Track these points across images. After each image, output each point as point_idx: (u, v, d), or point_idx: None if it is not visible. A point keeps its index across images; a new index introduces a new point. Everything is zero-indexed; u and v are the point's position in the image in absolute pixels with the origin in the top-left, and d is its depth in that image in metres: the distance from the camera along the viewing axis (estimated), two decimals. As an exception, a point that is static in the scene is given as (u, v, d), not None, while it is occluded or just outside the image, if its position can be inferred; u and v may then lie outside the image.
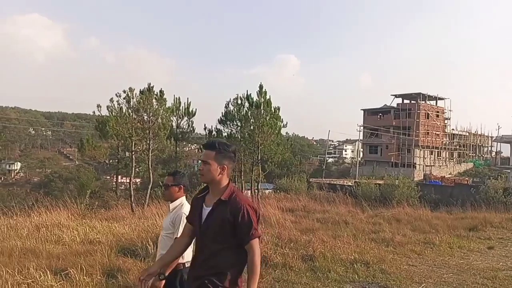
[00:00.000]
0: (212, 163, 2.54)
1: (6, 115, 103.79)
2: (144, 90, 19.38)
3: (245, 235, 2.44)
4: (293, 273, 6.40)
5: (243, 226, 2.44)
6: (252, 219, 2.46)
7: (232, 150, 2.61)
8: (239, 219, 2.43)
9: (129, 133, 17.03)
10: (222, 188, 2.55)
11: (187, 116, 24.68)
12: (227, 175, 2.58)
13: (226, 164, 2.56)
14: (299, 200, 17.81)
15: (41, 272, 5.04)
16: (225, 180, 2.58)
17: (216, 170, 2.54)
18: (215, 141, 2.63)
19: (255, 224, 2.47)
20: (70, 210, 11.37)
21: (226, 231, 2.44)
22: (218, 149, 2.56)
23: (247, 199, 2.56)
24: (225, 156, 2.57)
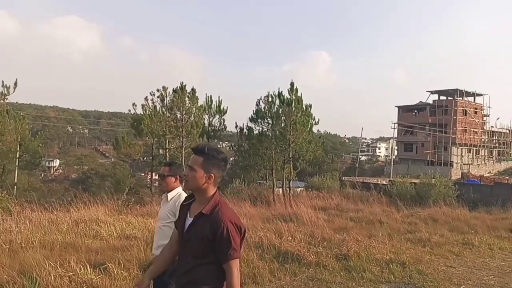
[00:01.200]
0: (198, 170, 2.32)
1: (46, 114, 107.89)
2: (177, 88, 19.74)
3: (223, 254, 2.25)
4: (327, 272, 6.33)
5: (222, 245, 2.24)
6: (232, 238, 2.24)
7: (222, 158, 2.39)
8: (218, 236, 2.23)
9: (163, 131, 17.40)
10: (207, 198, 2.34)
11: (218, 114, 24.91)
12: (214, 184, 2.36)
13: (214, 173, 2.33)
14: (332, 198, 17.61)
15: (81, 265, 5.20)
16: (211, 189, 2.36)
17: (202, 178, 2.32)
18: (205, 146, 2.41)
19: (234, 244, 2.25)
20: (107, 206, 11.67)
21: (205, 247, 2.26)
22: (207, 156, 2.34)
23: (231, 215, 2.32)
24: (214, 164, 2.34)
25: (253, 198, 17.05)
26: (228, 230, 2.24)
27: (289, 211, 12.18)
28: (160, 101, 17.83)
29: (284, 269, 6.32)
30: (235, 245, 2.25)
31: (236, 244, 2.26)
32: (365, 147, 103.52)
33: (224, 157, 2.39)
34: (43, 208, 10.76)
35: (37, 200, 11.94)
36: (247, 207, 13.04)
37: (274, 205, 15.37)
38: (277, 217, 10.84)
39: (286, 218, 10.75)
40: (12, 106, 22.88)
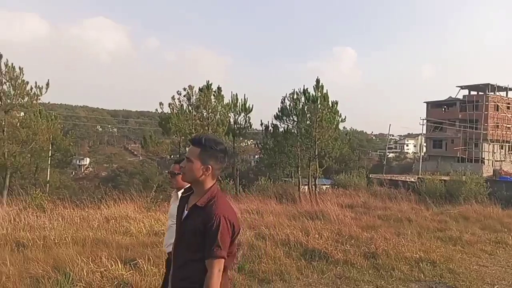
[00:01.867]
0: (195, 162, 2.23)
1: (76, 113, 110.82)
2: (203, 87, 19.96)
3: (207, 250, 2.11)
4: (355, 270, 6.27)
5: (208, 239, 2.11)
6: (220, 233, 2.10)
7: (220, 149, 2.28)
8: (207, 230, 2.12)
9: (189, 129, 17.63)
10: (205, 190, 2.25)
11: (244, 112, 24.99)
12: (212, 176, 2.27)
13: (212, 165, 2.24)
14: (359, 196, 17.41)
15: (112, 261, 5.33)
16: (209, 181, 2.27)
17: (199, 170, 2.23)
18: (203, 136, 2.31)
19: (221, 241, 2.09)
20: (136, 203, 11.90)
21: (198, 241, 2.15)
22: (204, 146, 2.24)
23: (226, 210, 2.19)
24: (212, 155, 2.25)
25: (279, 196, 17.04)
26: (219, 224, 2.11)
27: (315, 208, 12.11)
28: (186, 100, 18.11)
29: (311, 267, 6.31)
30: (222, 242, 2.10)
31: (223, 242, 2.11)
32: (392, 144, 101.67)
33: (222, 148, 2.29)
34: (74, 205, 11.07)
35: (68, 197, 12.31)
36: (273, 205, 13.05)
37: (300, 202, 15.30)
38: (303, 215, 10.80)
39: (313, 216, 10.70)
40: (44, 106, 23.59)
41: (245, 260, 6.26)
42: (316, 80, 19.65)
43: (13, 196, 13.69)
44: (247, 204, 13.14)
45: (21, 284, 4.71)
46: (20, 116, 18.67)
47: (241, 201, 14.15)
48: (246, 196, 15.86)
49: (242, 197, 15.45)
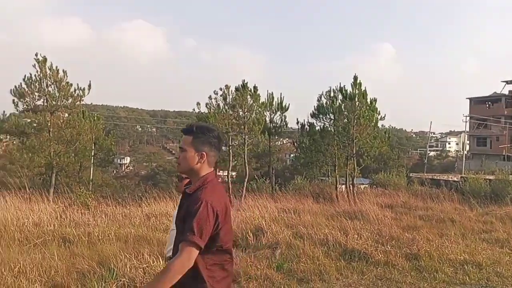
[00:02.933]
0: (189, 150, 2.19)
1: (117, 114, 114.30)
2: (239, 87, 20.10)
3: (183, 233, 2.01)
4: (397, 272, 6.13)
5: (186, 222, 2.03)
6: (198, 217, 2.00)
7: (214, 135, 2.24)
8: (188, 213, 2.05)
9: (226, 128, 17.75)
10: (199, 178, 2.19)
11: (280, 110, 24.93)
12: (208, 163, 2.21)
13: (206, 151, 2.19)
14: (399, 196, 16.95)
15: (154, 257, 5.46)
16: (205, 169, 2.20)
17: (194, 158, 2.18)
18: (193, 124, 2.30)
19: (196, 226, 1.98)
20: (176, 201, 12.14)
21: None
22: (196, 134, 2.21)
23: (211, 195, 2.09)
24: (204, 141, 2.20)
25: (316, 195, 16.88)
26: (198, 209, 2.01)
27: (354, 208, 11.92)
28: (223, 99, 18.25)
29: (351, 267, 6.22)
30: (197, 228, 1.99)
31: (199, 228, 1.99)
32: (433, 141, 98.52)
33: (215, 134, 2.25)
34: (116, 203, 11.43)
35: (111, 195, 12.72)
36: (309, 204, 12.95)
37: (338, 202, 15.11)
38: (341, 214, 10.65)
39: (351, 216, 10.53)
40: (87, 107, 24.52)
41: (284, 259, 6.25)
42: (354, 77, 19.31)
43: (59, 194, 14.31)
44: (283, 203, 13.11)
45: (68, 278, 4.91)
46: (65, 117, 19.45)
47: (278, 200, 14.11)
48: (282, 195, 15.81)
49: (278, 196, 15.41)
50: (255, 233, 7.39)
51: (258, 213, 9.85)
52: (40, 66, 17.66)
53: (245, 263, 5.85)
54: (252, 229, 7.62)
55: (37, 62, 17.64)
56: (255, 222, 8.35)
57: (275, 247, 6.69)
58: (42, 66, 17.73)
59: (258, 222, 8.25)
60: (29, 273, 4.84)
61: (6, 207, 8.03)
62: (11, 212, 7.70)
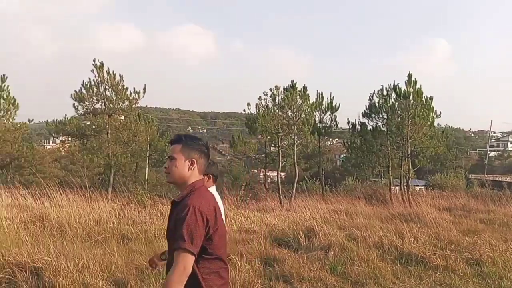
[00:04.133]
0: (178, 157, 2.17)
1: (169, 116, 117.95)
2: (288, 87, 20.07)
3: (175, 241, 2.00)
4: (457, 277, 5.84)
5: (176, 229, 2.00)
6: (186, 224, 1.96)
7: (203, 143, 2.26)
8: (177, 221, 2.02)
9: (275, 129, 17.78)
10: (187, 186, 2.17)
11: (330, 110, 24.59)
12: (198, 171, 2.19)
13: (196, 158, 2.18)
14: (457, 198, 16.16)
15: (208, 256, 5.55)
16: (194, 177, 2.19)
17: (184, 165, 2.16)
18: (181, 134, 2.29)
19: (186, 233, 1.95)
20: (226, 201, 12.31)
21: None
22: (185, 141, 2.21)
23: (199, 201, 2.06)
24: (193, 148, 2.20)
25: (368, 197, 16.47)
26: (186, 215, 1.99)
27: (409, 210, 11.50)
28: (272, 100, 18.29)
29: (408, 272, 6.00)
30: (187, 235, 1.96)
31: (190, 234, 1.96)
32: (494, 141, 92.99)
33: (204, 142, 2.27)
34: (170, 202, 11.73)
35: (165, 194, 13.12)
36: (362, 205, 12.65)
37: (392, 204, 14.65)
38: (396, 217, 10.31)
39: (406, 218, 10.16)
40: (142, 109, 25.52)
41: (337, 262, 6.14)
42: (408, 74, 18.65)
43: (117, 193, 14.97)
44: (334, 204, 12.90)
45: (128, 274, 5.11)
46: (121, 119, 20.33)
47: (328, 201, 13.92)
48: (333, 196, 15.58)
49: (329, 197, 15.19)
50: (307, 234, 7.32)
51: (309, 214, 9.77)
52: (98, 71, 18.59)
53: (297, 264, 5.81)
54: (303, 230, 7.56)
55: (95, 67, 18.59)
56: (307, 223, 8.29)
57: (327, 249, 6.59)
58: (100, 71, 18.66)
59: (309, 223, 8.17)
60: (92, 268, 5.08)
61: (69, 205, 8.49)
62: (74, 210, 8.13)
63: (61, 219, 7.22)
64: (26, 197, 8.67)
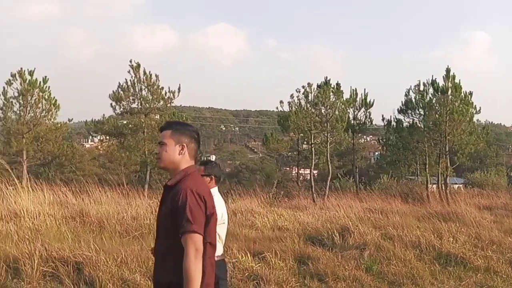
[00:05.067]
0: (169, 142, 2.17)
1: (202, 114, 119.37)
2: (321, 84, 19.90)
3: (179, 228, 1.98)
4: (500, 279, 5.62)
5: (177, 216, 2.00)
6: (189, 207, 1.98)
7: (193, 129, 2.27)
8: (175, 206, 2.01)
9: (308, 126, 17.70)
10: (179, 171, 2.16)
11: (364, 107, 24.17)
12: (189, 156, 2.19)
13: (186, 143, 2.18)
14: (498, 197, 15.55)
15: (242, 253, 5.60)
16: (185, 162, 2.18)
17: (175, 150, 2.16)
18: (171, 121, 2.34)
19: (190, 215, 1.97)
20: (259, 198, 12.35)
21: (170, 224, 2.05)
22: (174, 127, 2.22)
23: (195, 184, 2.08)
24: (183, 133, 2.20)
25: (404, 195, 16.09)
26: (187, 197, 2.00)
27: (448, 209, 11.14)
28: (304, 97, 18.21)
29: (447, 272, 5.83)
30: (192, 216, 1.97)
31: (194, 216, 1.98)
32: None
33: (194, 128, 2.29)
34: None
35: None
36: (397, 204, 12.38)
37: (429, 202, 14.26)
38: (433, 216, 10.02)
39: (445, 217, 9.84)
40: (176, 108, 25.96)
41: (373, 261, 6.04)
42: (446, 69, 18.09)
43: (153, 190, 15.30)
44: (369, 202, 12.69)
45: (165, 269, 5.21)
46: (157, 118, 20.79)
47: (363, 199, 13.70)
48: (368, 194, 15.33)
49: (363, 195, 14.96)
50: (341, 233, 7.23)
51: (342, 212, 9.64)
52: (135, 71, 19.08)
53: (332, 263, 5.76)
54: (338, 228, 7.46)
55: (132, 68, 19.09)
56: (341, 222, 8.17)
57: (363, 248, 6.48)
58: (136, 71, 19.15)
59: (343, 222, 8.06)
60: (130, 263, 5.21)
61: (108, 202, 8.74)
62: (112, 206, 8.36)
63: (100, 215, 7.43)
64: (66, 194, 8.96)
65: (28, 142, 19.16)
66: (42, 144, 20.33)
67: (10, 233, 5.90)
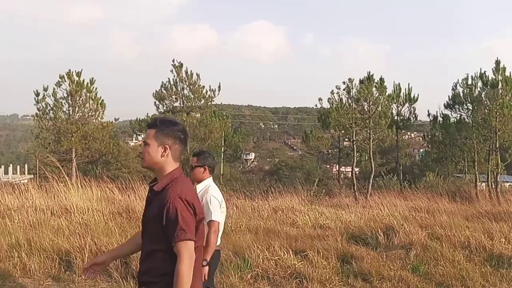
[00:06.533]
0: (152, 143, 2.11)
1: (242, 112, 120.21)
2: (363, 79, 19.48)
3: (171, 236, 1.98)
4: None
5: (168, 224, 1.98)
6: (180, 215, 1.97)
7: (178, 128, 2.15)
8: (164, 215, 1.99)
9: (349, 123, 17.41)
10: (165, 175, 2.11)
11: (408, 102, 23.43)
12: (173, 158, 2.13)
13: (169, 144, 2.10)
14: (556, 196, 14.63)
15: (284, 251, 5.59)
16: (170, 165, 2.13)
17: (157, 152, 2.10)
18: (157, 118, 2.25)
19: (183, 223, 1.96)
20: (300, 196, 12.27)
21: (156, 229, 2.03)
22: (159, 127, 2.13)
23: (182, 190, 2.05)
24: (167, 134, 2.12)
25: (451, 194, 15.48)
26: (176, 206, 1.98)
27: (498, 209, 10.61)
28: (346, 93, 17.93)
29: (499, 275, 5.55)
30: (184, 224, 1.97)
31: (186, 223, 1.98)
32: None
33: (180, 127, 2.17)
34: (245, 196, 11.98)
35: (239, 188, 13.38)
36: (444, 203, 11.93)
37: (478, 201, 13.63)
38: (483, 215, 9.56)
39: (496, 217, 9.36)
40: (216, 107, 26.31)
41: (419, 261, 5.85)
42: (495, 61, 17.20)
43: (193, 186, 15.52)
44: (414, 201, 12.31)
45: (208, 265, 5.28)
46: (198, 116, 21.15)
47: (407, 198, 13.31)
48: (412, 192, 14.88)
49: (408, 194, 14.52)
50: (386, 232, 7.05)
51: (386, 211, 9.40)
52: (177, 71, 19.50)
53: (376, 262, 5.63)
54: (382, 227, 7.28)
55: (174, 67, 19.52)
56: (385, 221, 7.98)
57: (409, 248, 6.29)
58: (179, 71, 19.56)
59: (388, 221, 7.86)
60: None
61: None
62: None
63: (145, 211, 7.64)
64: (113, 190, 9.28)
65: (77, 140, 20.05)
66: (90, 143, 21.19)
67: (62, 228, 6.19)
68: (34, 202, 7.66)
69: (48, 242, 5.42)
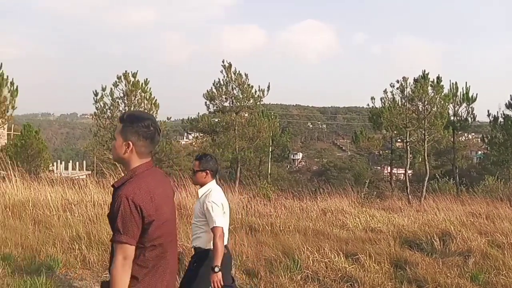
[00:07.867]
0: (118, 138, 2.07)
1: (289, 112, 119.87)
2: (418, 78, 18.75)
3: (113, 232, 1.95)
4: None
5: (110, 223, 1.96)
6: (120, 216, 1.91)
7: (143, 124, 2.04)
8: (110, 213, 1.98)
9: (403, 123, 16.84)
10: (128, 171, 2.07)
11: (466, 102, 22.33)
12: (138, 154, 2.06)
13: (133, 141, 2.03)
14: None
15: (335, 253, 5.49)
16: (134, 161, 2.06)
17: (121, 147, 2.05)
18: (126, 112, 2.18)
19: (121, 225, 1.90)
20: (350, 198, 12.03)
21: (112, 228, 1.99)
22: (125, 122, 2.07)
23: (133, 191, 1.95)
24: (132, 130, 2.04)
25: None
26: (119, 206, 1.92)
27: None
28: (400, 92, 17.33)
29: None
30: (122, 226, 1.91)
31: (125, 225, 1.91)
32: None
33: (146, 123, 2.05)
34: (293, 196, 11.93)
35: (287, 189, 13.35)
36: (506, 209, 11.25)
37: (544, 208, 12.71)
38: (551, 223, 8.92)
39: None
40: (265, 106, 26.40)
41: (479, 270, 5.54)
42: None
43: (243, 186, 15.71)
44: (472, 206, 11.71)
45: (257, 264, 5.31)
46: (246, 116, 21.34)
47: (465, 202, 12.68)
48: (470, 197, 14.15)
49: (465, 198, 13.83)
50: (442, 238, 6.75)
51: (442, 216, 9.02)
52: (227, 71, 19.78)
53: (432, 269, 5.39)
54: (437, 233, 6.98)
55: (224, 68, 19.81)
56: (441, 226, 7.65)
57: (467, 255, 5.98)
58: (228, 71, 19.83)
59: (444, 226, 7.53)
60: (223, 256, 5.39)
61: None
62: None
63: (196, 208, 7.80)
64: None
65: (132, 138, 20.85)
66: (144, 141, 21.98)
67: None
68: (92, 197, 8.07)
69: (105, 235, 5.66)
